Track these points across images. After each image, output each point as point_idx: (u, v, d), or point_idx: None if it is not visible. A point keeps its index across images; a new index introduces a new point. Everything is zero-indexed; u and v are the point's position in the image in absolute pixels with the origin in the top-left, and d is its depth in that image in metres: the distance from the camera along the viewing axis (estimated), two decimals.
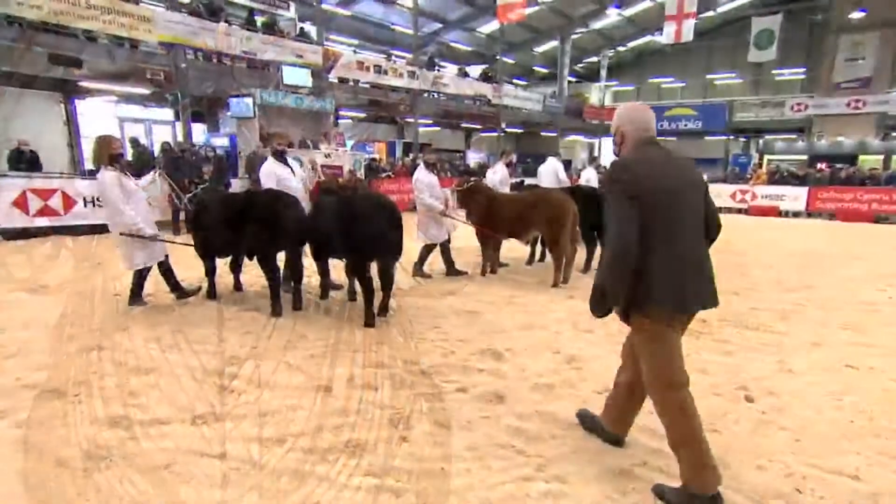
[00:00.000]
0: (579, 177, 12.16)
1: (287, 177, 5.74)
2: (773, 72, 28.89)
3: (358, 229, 4.90)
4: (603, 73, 29.64)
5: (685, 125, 26.72)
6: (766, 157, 27.36)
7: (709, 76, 31.88)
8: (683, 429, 2.53)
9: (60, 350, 4.23)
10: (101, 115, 17.37)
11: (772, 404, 3.58)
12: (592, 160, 10.16)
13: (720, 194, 18.95)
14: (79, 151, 16.17)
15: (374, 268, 5.14)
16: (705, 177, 2.91)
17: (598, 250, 7.82)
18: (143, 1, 13.12)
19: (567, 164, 10.33)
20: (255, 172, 6.26)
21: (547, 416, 3.37)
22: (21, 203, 9.45)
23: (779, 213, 17.66)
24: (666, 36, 21.19)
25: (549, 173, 9.64)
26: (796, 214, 17.46)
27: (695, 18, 20.65)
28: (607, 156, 33.89)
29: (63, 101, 16.04)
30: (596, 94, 31.40)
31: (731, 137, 27.06)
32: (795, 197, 17.62)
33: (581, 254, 7.66)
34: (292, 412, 3.33)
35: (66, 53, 11.40)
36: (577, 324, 5.22)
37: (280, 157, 5.85)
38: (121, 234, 5.21)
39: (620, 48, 32.48)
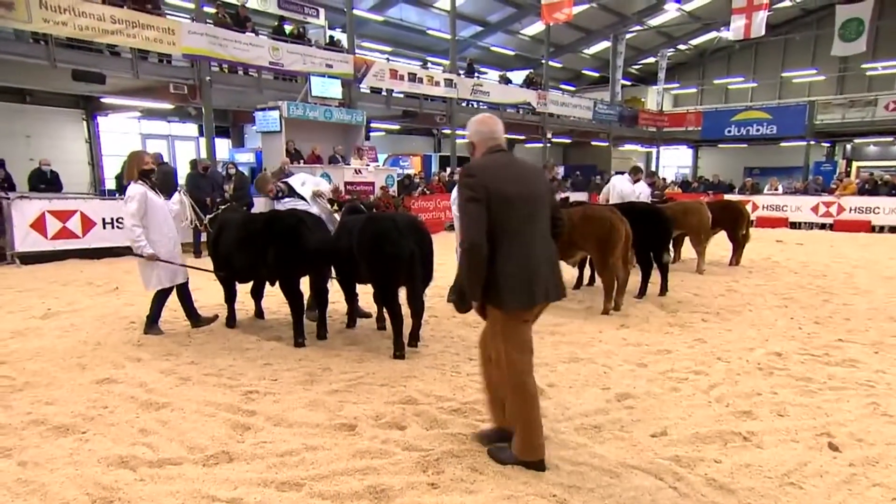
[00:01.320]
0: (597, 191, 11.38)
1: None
2: (863, 66, 27.92)
3: (384, 252, 4.93)
4: (661, 74, 29.36)
5: (757, 130, 26.04)
6: (855, 163, 26.35)
7: (784, 74, 31.10)
8: (525, 411, 3.09)
9: (71, 382, 4.38)
10: (123, 131, 18.24)
11: (862, 455, 3.38)
12: (633, 172, 9.93)
13: (800, 207, 18.36)
14: (100, 170, 16.95)
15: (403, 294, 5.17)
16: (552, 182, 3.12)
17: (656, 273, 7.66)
18: (169, 13, 13.81)
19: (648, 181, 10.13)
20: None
21: (593, 461, 3.27)
22: (39, 226, 9.95)
23: (871, 229, 16.91)
24: (733, 31, 20.83)
25: (617, 193, 9.47)
26: (893, 230, 16.70)
27: (767, 10, 20.23)
28: (668, 166, 33.43)
29: (86, 118, 16.94)
30: (653, 98, 31.05)
31: (812, 143, 26.16)
32: (891, 209, 16.87)
33: (636, 277, 7.53)
34: (312, 453, 3.34)
35: (90, 69, 12.04)
36: (629, 357, 5.09)
37: (280, 197, 6.10)
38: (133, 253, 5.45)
39: (681, 47, 32.12)
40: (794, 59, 30.42)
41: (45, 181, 11.68)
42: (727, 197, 17.27)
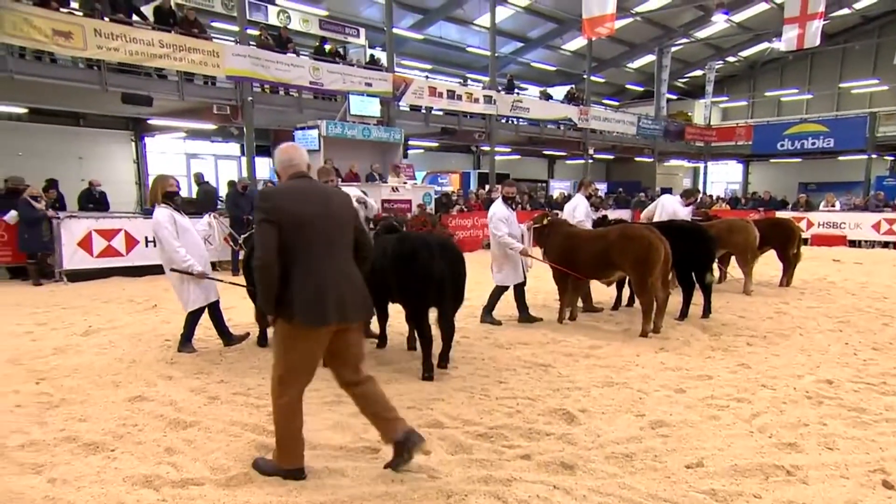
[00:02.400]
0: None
1: None
2: None
3: (414, 272, 4.93)
4: (709, 87, 28.83)
5: (813, 144, 25.18)
6: None
7: (842, 85, 30.07)
8: (285, 427, 3.26)
9: (104, 400, 4.51)
10: (169, 151, 18.95)
11: None
12: (685, 194, 9.72)
13: (860, 224, 17.63)
14: (145, 189, 17.63)
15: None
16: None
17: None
18: (214, 36, 14.35)
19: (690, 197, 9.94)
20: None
21: (623, 492, 3.17)
22: (86, 244, 10.38)
23: None
24: (786, 42, 20.27)
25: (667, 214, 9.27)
26: None
27: (822, 19, 19.61)
28: (717, 182, 32.65)
29: (134, 139, 17.68)
30: (700, 111, 30.46)
31: (874, 156, 25.11)
32: None
33: (677, 298, 7.34)
34: (333, 477, 3.34)
35: (138, 92, 12.60)
36: (666, 382, 4.94)
37: None
38: (171, 269, 5.61)
39: (730, 59, 31.50)
40: (854, 69, 29.32)
41: (94, 201, 12.20)
42: (778, 214, 16.75)
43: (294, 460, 3.28)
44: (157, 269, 10.46)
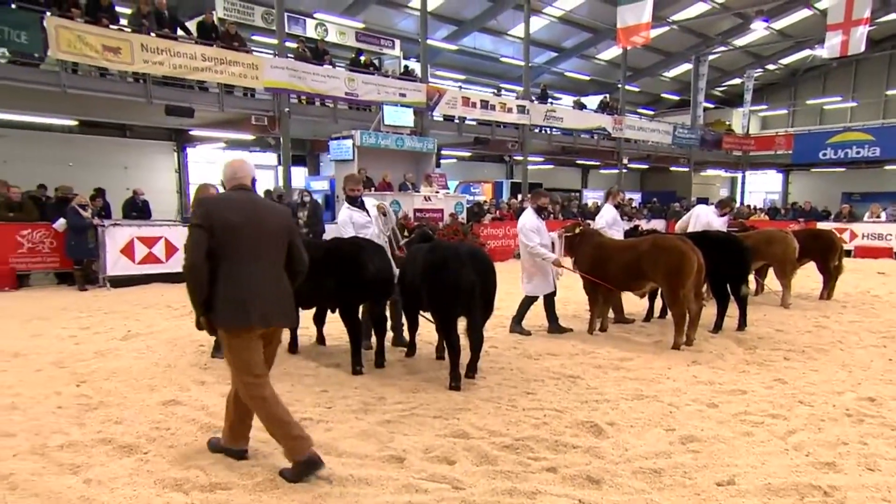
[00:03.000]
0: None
1: (365, 223, 5.99)
2: None
3: (443, 281, 4.93)
4: (747, 96, 28.21)
5: (857, 153, 24.40)
6: None
7: (889, 92, 29.07)
8: (269, 414, 3.39)
9: (140, 403, 4.62)
10: (208, 161, 19.42)
11: None
12: (720, 205, 9.51)
13: None
14: (186, 198, 18.10)
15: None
16: None
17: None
18: (253, 48, 14.70)
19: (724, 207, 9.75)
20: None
21: None
22: (128, 251, 10.68)
23: None
24: (829, 49, 19.74)
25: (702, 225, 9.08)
26: None
27: (868, 25, 19.04)
28: (755, 192, 31.88)
29: (176, 149, 18.20)
30: (738, 120, 29.82)
31: None
32: None
33: (711, 310, 7.17)
34: (358, 485, 3.34)
35: (181, 104, 12.98)
36: (698, 396, 4.82)
37: (355, 203, 6.12)
38: None
39: (769, 66, 30.82)
40: None
41: (137, 209, 12.58)
42: (820, 225, 16.24)
43: (302, 447, 3.38)
44: None
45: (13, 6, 10.80)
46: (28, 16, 10.77)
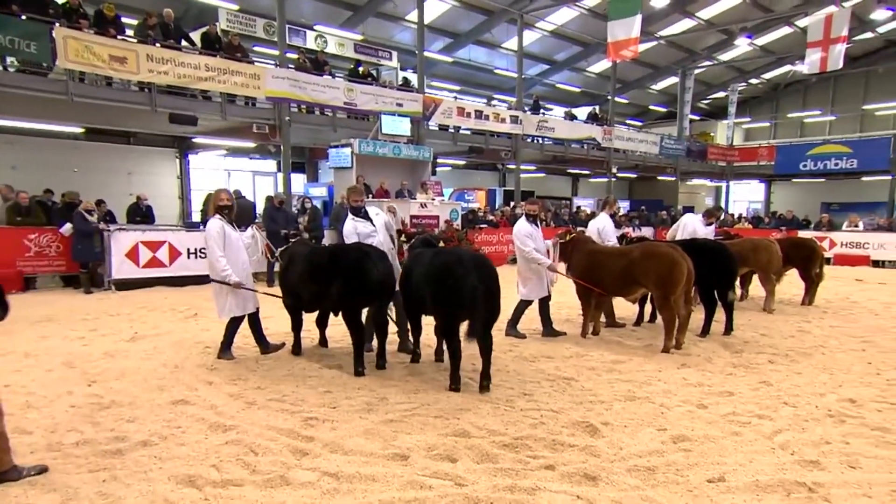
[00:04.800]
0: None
1: (369, 233, 6.03)
2: None
3: (449, 286, 4.91)
4: (731, 109, 28.49)
5: (836, 164, 24.61)
6: None
7: (866, 107, 29.42)
8: None
9: (150, 402, 4.64)
10: (210, 168, 19.42)
11: None
12: (707, 214, 9.61)
13: (884, 245, 17.18)
14: (188, 204, 18.06)
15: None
16: None
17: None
18: (255, 59, 14.72)
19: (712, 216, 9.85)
20: (341, 224, 6.64)
21: None
22: (133, 255, 10.67)
23: None
24: (809, 65, 19.97)
25: (689, 233, 9.21)
26: None
27: (846, 43, 19.28)
28: (739, 201, 32.13)
29: (178, 156, 18.18)
30: (723, 132, 30.10)
31: None
32: None
33: (699, 315, 7.26)
34: (364, 482, 3.39)
35: (184, 112, 12.99)
36: (688, 398, 4.90)
37: (358, 213, 6.15)
38: (211, 280, 5.79)
39: (753, 81, 31.10)
40: (878, 92, 28.57)
41: (141, 214, 12.55)
42: (801, 233, 16.42)
43: (5, 460, 3.30)
44: (197, 280, 10.77)
45: (23, 17, 10.79)
46: (37, 27, 10.76)
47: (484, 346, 5.01)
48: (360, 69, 17.64)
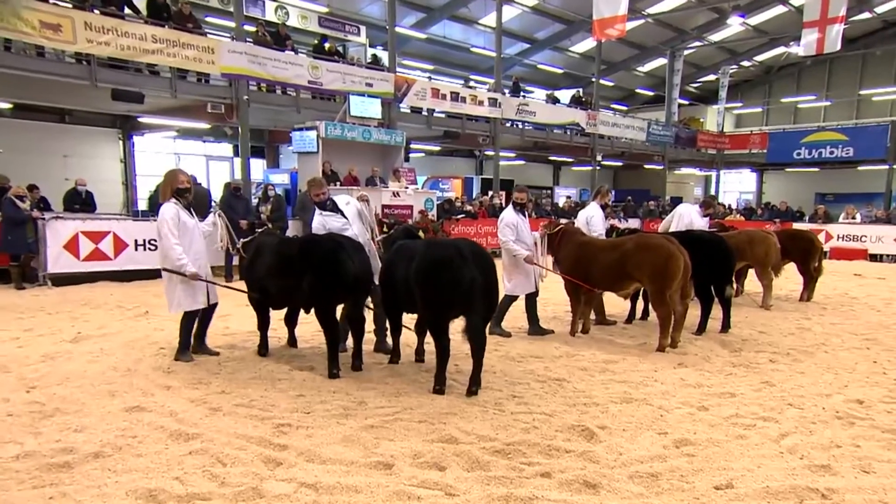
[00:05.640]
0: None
1: (342, 226, 5.96)
2: None
3: (445, 280, 4.85)
4: (722, 93, 28.98)
5: (831, 153, 25.28)
6: None
7: (863, 92, 30.22)
8: None
9: (100, 409, 4.51)
10: (158, 151, 18.99)
11: None
12: (705, 204, 9.75)
13: (882, 238, 17.69)
14: (133, 190, 17.64)
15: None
16: None
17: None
18: (209, 32, 14.40)
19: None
20: (309, 217, 6.56)
21: None
22: (72, 247, 10.36)
23: None
24: (804, 47, 20.41)
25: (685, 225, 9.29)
26: None
27: (843, 23, 19.75)
28: (729, 192, 32.78)
29: (121, 137, 17.72)
30: (713, 118, 30.65)
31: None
32: None
33: (694, 311, 7.37)
34: (347, 493, 3.34)
35: (129, 88, 12.64)
36: (688, 399, 4.97)
37: (325, 207, 6.08)
38: (164, 269, 5.66)
39: (745, 63, 31.72)
40: (875, 76, 29.45)
41: (80, 201, 12.17)
42: (796, 226, 16.81)
43: None
44: (147, 275, 10.53)
45: None
46: None
47: (477, 345, 4.99)
48: (327, 45, 17.43)
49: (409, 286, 5.09)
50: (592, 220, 8.16)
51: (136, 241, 11.02)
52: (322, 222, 5.98)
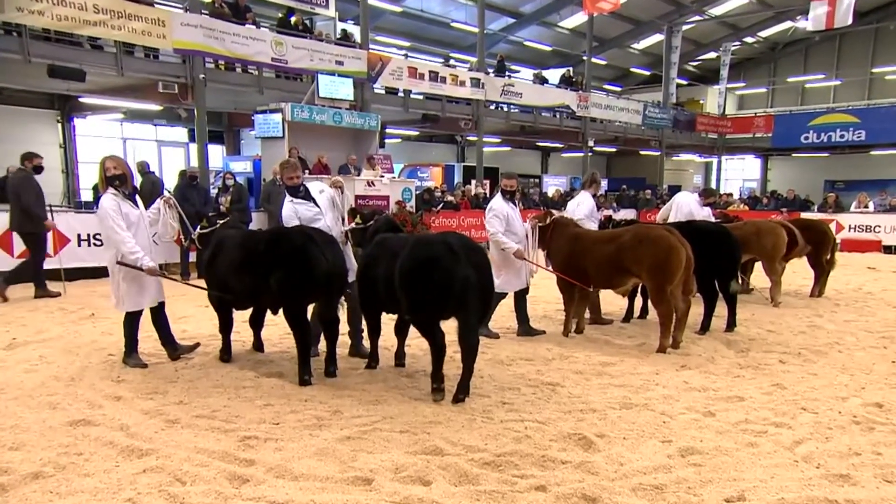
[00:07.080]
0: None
1: (313, 216, 5.91)
2: None
3: (433, 277, 4.83)
4: (724, 72, 29.25)
5: (841, 136, 25.66)
6: None
7: (875, 70, 30.54)
8: None
9: (40, 424, 4.42)
10: (103, 135, 18.69)
11: None
12: (704, 193, 9.83)
13: None
14: (75, 179, 17.34)
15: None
16: None
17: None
18: (159, 2, 14.19)
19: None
20: (278, 208, 6.50)
21: None
22: (5, 242, 10.12)
23: None
24: (813, 21, 20.67)
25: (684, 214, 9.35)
26: None
27: None
28: (732, 180, 33.15)
29: (61, 119, 17.40)
30: (714, 99, 30.97)
31: None
32: None
33: (697, 308, 7.42)
34: None
35: (68, 65, 12.39)
36: (692, 404, 5.00)
37: (297, 193, 6.01)
38: (118, 262, 5.55)
39: (748, 39, 32.04)
40: (888, 53, 29.56)
41: None
42: (803, 215, 17.03)
43: None
44: (92, 273, 10.35)
45: None
46: None
47: (469, 348, 4.99)
48: (293, 19, 17.24)
49: (391, 286, 5.05)
50: (579, 209, 8.18)
51: (79, 235, 10.83)
52: (293, 210, 5.91)
